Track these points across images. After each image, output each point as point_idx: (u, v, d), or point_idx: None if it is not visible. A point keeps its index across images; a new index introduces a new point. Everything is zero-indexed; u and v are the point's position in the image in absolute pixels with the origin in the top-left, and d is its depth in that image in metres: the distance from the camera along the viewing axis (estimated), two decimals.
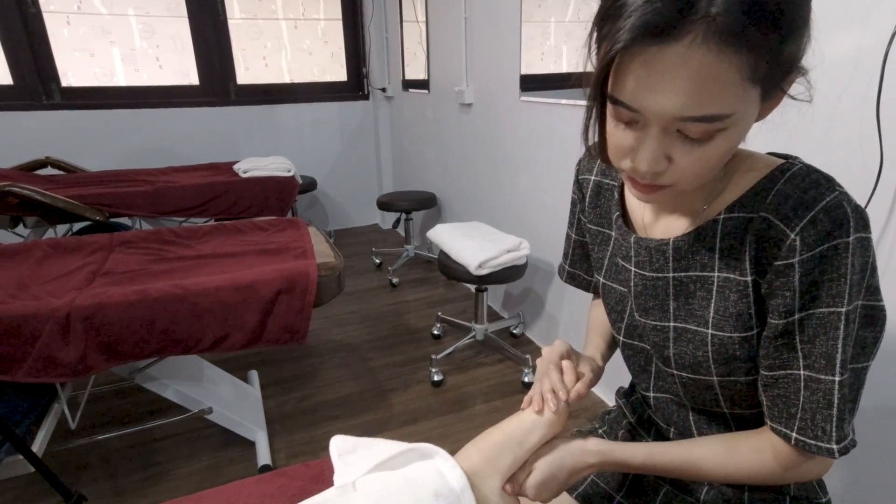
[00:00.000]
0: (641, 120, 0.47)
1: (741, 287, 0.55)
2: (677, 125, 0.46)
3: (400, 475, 0.55)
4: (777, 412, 0.56)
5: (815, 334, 0.52)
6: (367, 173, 4.07)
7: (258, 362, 2.20)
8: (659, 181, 0.50)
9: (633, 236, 0.64)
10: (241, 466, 1.63)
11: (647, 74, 0.43)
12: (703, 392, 0.63)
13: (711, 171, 0.50)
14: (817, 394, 0.52)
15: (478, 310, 2.21)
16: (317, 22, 3.67)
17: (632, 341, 0.70)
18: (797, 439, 0.54)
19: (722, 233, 0.56)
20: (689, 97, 0.43)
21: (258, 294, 1.38)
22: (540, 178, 2.14)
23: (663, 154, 0.48)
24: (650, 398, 0.71)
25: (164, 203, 2.46)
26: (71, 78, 3.15)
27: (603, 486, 0.78)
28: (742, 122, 0.46)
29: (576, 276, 0.85)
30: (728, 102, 0.43)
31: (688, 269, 0.59)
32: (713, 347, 0.58)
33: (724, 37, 0.40)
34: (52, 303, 1.26)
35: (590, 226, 0.74)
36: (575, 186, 0.77)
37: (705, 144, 0.46)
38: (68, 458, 1.65)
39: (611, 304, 0.72)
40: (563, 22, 1.84)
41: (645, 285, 0.63)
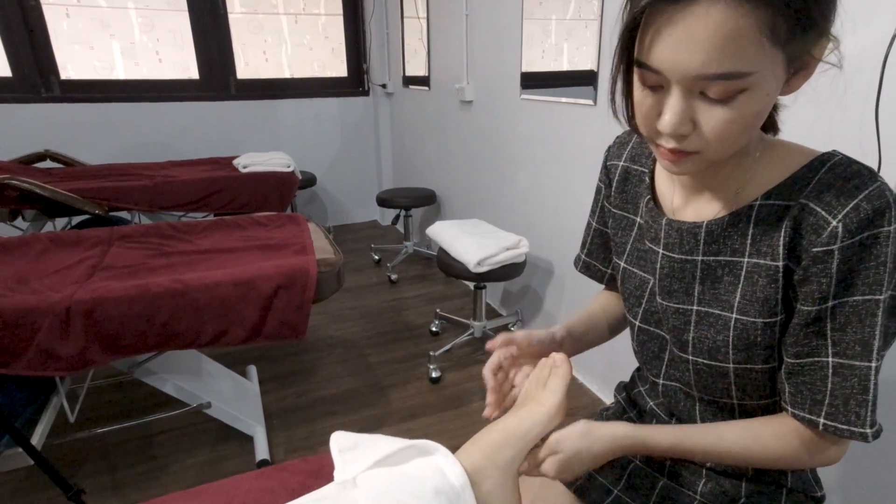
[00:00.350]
0: (665, 83, 0.49)
1: (771, 272, 0.56)
2: (699, 85, 0.47)
3: (400, 472, 0.55)
4: (801, 399, 0.57)
5: (847, 322, 0.52)
6: (366, 169, 4.07)
7: (257, 357, 2.20)
8: (685, 146, 0.51)
9: (664, 218, 0.64)
10: (239, 461, 1.63)
11: (669, 34, 0.45)
12: (717, 380, 0.63)
13: (736, 137, 0.50)
14: (851, 380, 0.53)
15: (476, 307, 2.21)
16: (317, 17, 3.66)
17: (648, 327, 0.70)
18: (826, 425, 0.55)
19: (756, 218, 0.57)
20: (708, 54, 0.44)
21: (258, 290, 1.38)
22: (539, 176, 2.15)
23: (687, 116, 0.49)
24: (659, 385, 0.71)
25: (164, 197, 2.45)
26: (70, 71, 3.14)
27: (601, 480, 0.79)
28: (764, 85, 0.46)
29: (591, 267, 0.85)
30: (747, 60, 0.44)
31: (718, 253, 0.59)
32: (735, 332, 0.59)
33: None
34: (52, 297, 1.26)
35: (614, 210, 0.75)
36: (602, 173, 0.78)
37: (728, 105, 0.47)
38: (67, 451, 1.66)
39: (630, 289, 0.72)
40: (565, 20, 1.84)
41: (672, 268, 0.63)
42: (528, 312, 2.39)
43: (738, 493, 0.69)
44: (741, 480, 0.70)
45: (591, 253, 0.84)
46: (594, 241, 0.83)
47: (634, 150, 0.73)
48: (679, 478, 0.74)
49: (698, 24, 0.44)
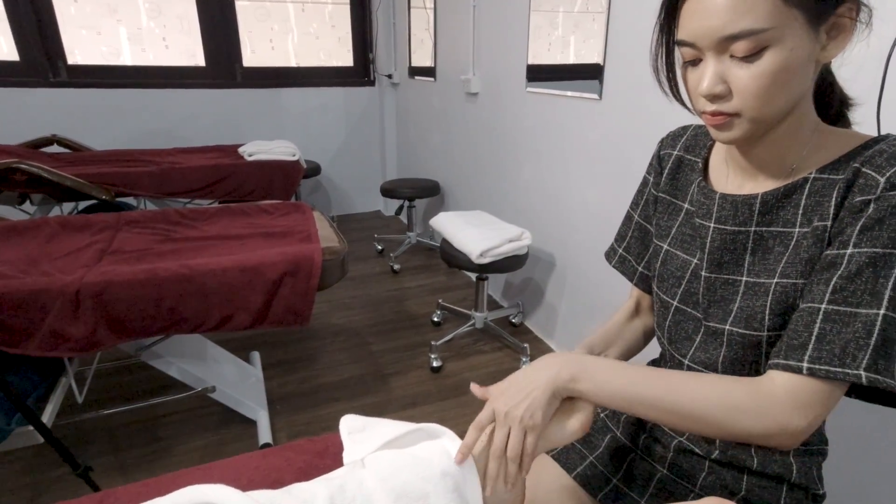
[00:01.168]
0: (701, 54, 0.56)
1: (818, 232, 0.57)
2: (726, 47, 0.53)
3: (408, 453, 0.57)
4: (778, 347, 0.57)
5: (859, 271, 0.53)
6: (371, 160, 4.07)
7: (260, 343, 2.23)
8: (724, 108, 0.56)
9: (717, 194, 0.67)
10: (242, 444, 1.66)
11: (694, 10, 0.54)
12: (747, 352, 0.63)
13: (770, 94, 0.54)
14: (853, 325, 0.52)
15: (478, 298, 2.24)
16: (324, 6, 3.65)
17: (685, 307, 0.72)
18: (812, 369, 0.53)
19: (810, 190, 0.59)
20: (726, 16, 0.51)
21: (264, 276, 1.40)
22: (544, 169, 2.16)
23: (719, 77, 0.55)
24: (684, 366, 0.72)
25: (170, 184, 2.47)
26: (77, 56, 3.15)
27: (601, 469, 0.81)
28: (786, 41, 0.52)
29: (626, 261, 0.86)
30: (760, 17, 0.51)
31: (771, 223, 0.62)
32: (773, 297, 0.60)
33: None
34: (63, 279, 1.29)
35: (662, 195, 0.78)
36: (654, 162, 0.81)
37: (755, 62, 0.53)
38: (75, 431, 1.69)
39: (671, 270, 0.74)
40: (572, 13, 1.84)
41: (724, 240, 0.66)
42: (530, 304, 2.41)
43: (739, 487, 0.70)
44: (743, 473, 0.70)
45: (630, 248, 0.85)
46: (634, 234, 0.85)
47: (689, 142, 0.77)
48: (679, 469, 0.75)
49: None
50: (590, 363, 0.62)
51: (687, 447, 0.74)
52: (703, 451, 0.73)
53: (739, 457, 0.71)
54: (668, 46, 0.61)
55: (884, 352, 0.52)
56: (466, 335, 2.32)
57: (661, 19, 0.60)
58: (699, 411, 0.57)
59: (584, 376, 0.60)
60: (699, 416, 0.57)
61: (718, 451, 0.72)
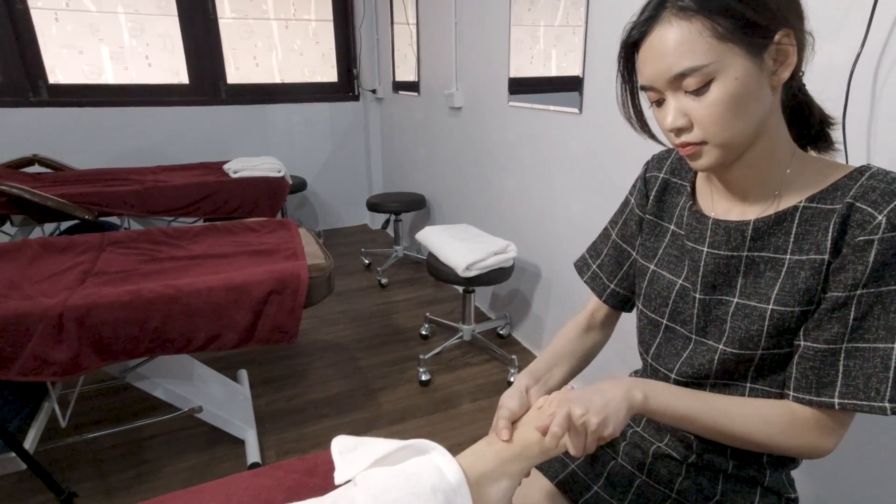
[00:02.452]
0: (661, 95, 0.62)
1: (816, 265, 0.61)
2: (679, 85, 0.59)
3: (398, 470, 0.57)
4: (805, 384, 0.62)
5: (870, 310, 0.57)
6: (357, 174, 4.09)
7: (248, 361, 2.22)
8: (690, 139, 0.61)
9: (710, 219, 0.70)
10: (230, 464, 1.65)
11: (646, 57, 0.61)
12: (739, 365, 0.68)
13: (727, 120, 0.58)
14: (873, 360, 0.58)
15: (465, 311, 2.25)
16: (308, 22, 3.68)
17: (675, 325, 0.75)
18: (843, 403, 0.59)
19: (801, 219, 0.63)
20: (671, 58, 0.58)
21: (250, 295, 1.40)
22: (527, 181, 2.19)
23: (680, 112, 0.60)
24: (671, 379, 0.74)
25: (154, 202, 2.46)
26: (59, 75, 3.13)
27: (582, 477, 0.82)
28: (730, 72, 0.56)
29: (597, 278, 0.88)
30: (698, 55, 0.56)
31: (762, 249, 0.66)
32: (770, 322, 0.64)
33: (678, 14, 0.57)
34: (45, 302, 1.27)
35: (648, 216, 0.81)
36: (640, 184, 0.83)
37: (704, 94, 0.58)
38: (58, 456, 1.66)
39: (657, 290, 0.76)
40: (553, 26, 1.88)
41: (717, 264, 0.69)
42: (517, 316, 2.43)
43: (714, 491, 0.72)
44: (718, 477, 0.73)
45: (603, 265, 0.87)
46: (609, 253, 0.87)
47: (674, 165, 0.80)
48: (657, 475, 0.77)
49: (658, 41, 0.59)
50: (653, 385, 0.66)
51: (665, 452, 0.77)
52: (680, 455, 0.75)
53: (715, 461, 0.73)
54: (632, 92, 0.67)
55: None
56: (454, 348, 2.33)
57: (620, 69, 0.65)
58: (746, 434, 0.64)
59: (654, 396, 0.64)
60: (745, 438, 0.64)
61: (695, 455, 0.74)
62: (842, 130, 1.00)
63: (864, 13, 0.96)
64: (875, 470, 1.08)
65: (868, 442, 1.07)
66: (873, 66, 0.97)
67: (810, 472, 1.18)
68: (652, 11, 0.59)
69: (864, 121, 1.00)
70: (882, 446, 1.05)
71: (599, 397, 0.62)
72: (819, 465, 1.16)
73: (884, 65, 0.96)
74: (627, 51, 0.64)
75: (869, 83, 0.98)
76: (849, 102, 0.99)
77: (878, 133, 0.99)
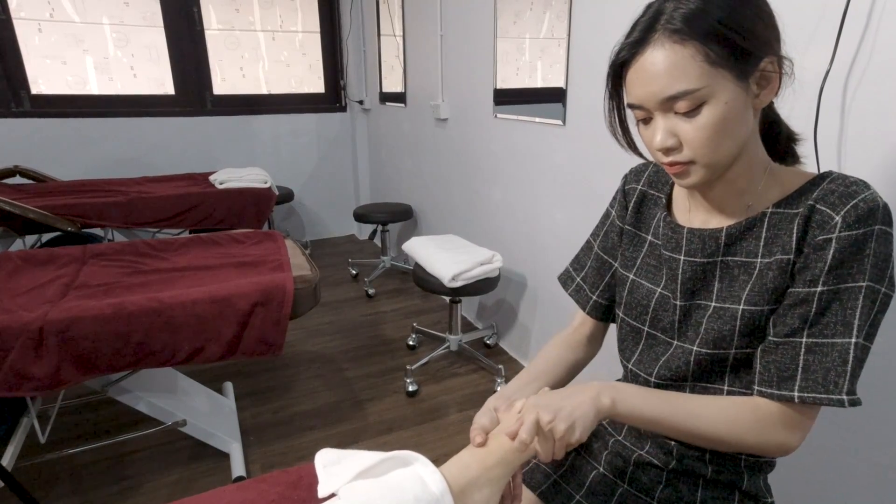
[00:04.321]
0: (650, 114, 0.63)
1: (783, 265, 0.64)
2: (669, 106, 0.60)
3: (382, 482, 0.58)
4: (767, 377, 0.64)
5: (828, 306, 0.60)
6: (343, 185, 4.09)
7: (233, 373, 2.20)
8: (678, 158, 0.63)
9: (685, 229, 0.73)
10: (214, 479, 1.63)
11: (636, 77, 0.62)
12: (714, 366, 0.70)
13: (716, 141, 0.60)
14: (831, 355, 0.60)
15: (452, 321, 2.25)
16: (294, 34, 3.70)
17: (656, 332, 0.77)
18: (802, 397, 0.61)
19: (769, 224, 0.66)
20: (662, 82, 0.59)
21: (235, 307, 1.40)
22: (512, 192, 2.21)
23: (669, 132, 0.62)
24: (651, 383, 0.76)
25: (138, 214, 2.44)
26: (41, 85, 3.11)
27: (564, 486, 0.83)
28: (720, 96, 0.58)
29: (581, 290, 0.89)
30: (692, 79, 0.58)
31: (735, 254, 0.68)
32: (742, 321, 0.66)
33: (672, 38, 0.58)
34: (24, 316, 1.26)
35: (627, 227, 0.83)
36: (619, 196, 0.85)
37: (695, 116, 0.60)
38: (37, 472, 1.63)
39: (636, 299, 0.79)
40: (538, 38, 1.91)
41: (694, 270, 0.71)
42: (503, 325, 2.44)
43: (694, 498, 0.74)
44: (698, 483, 0.74)
45: (587, 277, 0.89)
46: (592, 265, 0.88)
47: (651, 177, 0.82)
48: (638, 483, 0.78)
49: (650, 63, 0.60)
50: (622, 388, 0.67)
51: (646, 460, 0.78)
52: (661, 462, 0.77)
53: (695, 466, 0.75)
54: (619, 109, 0.69)
55: (857, 374, 0.60)
56: (441, 358, 2.33)
57: (609, 88, 0.67)
58: (714, 434, 0.65)
59: (621, 401, 0.65)
60: (713, 437, 0.65)
61: (675, 460, 0.76)
62: (813, 144, 1.03)
63: (832, 30, 0.99)
64: (847, 474, 1.10)
65: (840, 445, 1.10)
66: (842, 82, 1.01)
67: (786, 476, 1.20)
68: (642, 33, 0.60)
69: (834, 135, 1.03)
70: (852, 450, 1.08)
71: (567, 403, 0.63)
72: (794, 469, 1.18)
73: (852, 80, 0.99)
74: (616, 70, 0.65)
75: (839, 98, 1.02)
76: (819, 117, 1.02)
77: (848, 146, 1.02)
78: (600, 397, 0.65)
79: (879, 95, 0.96)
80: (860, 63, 0.98)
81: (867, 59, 0.97)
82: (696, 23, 0.57)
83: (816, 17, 1.03)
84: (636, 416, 0.66)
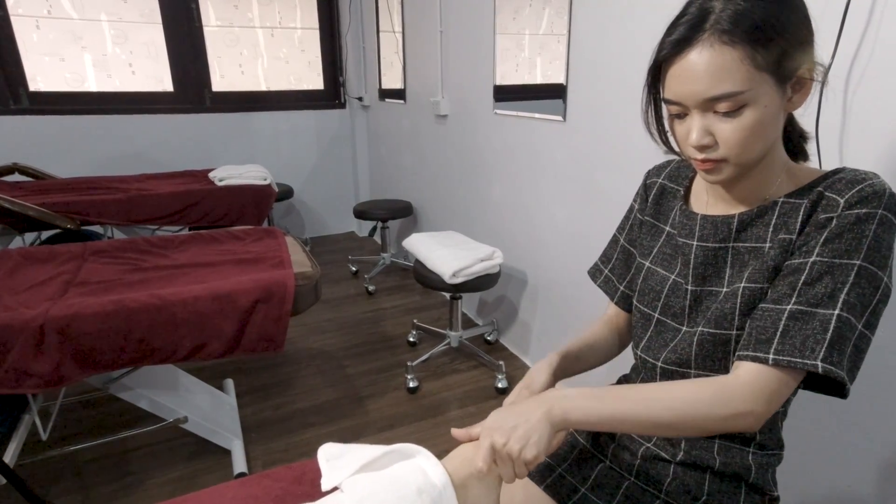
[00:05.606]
0: (686, 110, 0.64)
1: (785, 243, 0.65)
2: (709, 106, 0.61)
3: (384, 475, 0.58)
4: (747, 340, 0.63)
5: (819, 277, 0.60)
6: (343, 182, 4.09)
7: (234, 370, 2.20)
8: (712, 155, 0.64)
9: (699, 215, 0.75)
10: (216, 475, 1.63)
11: (679, 74, 0.62)
12: (717, 349, 0.70)
13: (751, 142, 0.62)
14: (812, 323, 0.59)
15: (452, 317, 2.25)
16: (293, 31, 3.68)
17: (666, 319, 0.78)
18: (777, 360, 0.60)
19: (780, 212, 0.68)
20: (707, 82, 0.59)
21: (236, 303, 1.40)
22: (513, 188, 2.21)
23: (706, 131, 0.63)
24: (658, 368, 0.78)
25: (138, 211, 2.44)
26: (40, 83, 3.10)
27: (569, 480, 0.83)
28: (761, 99, 0.59)
29: (609, 281, 0.92)
30: (737, 82, 0.59)
31: (746, 240, 0.70)
32: (742, 299, 0.67)
33: (722, 39, 0.58)
34: (26, 314, 1.26)
35: (646, 218, 0.86)
36: (641, 190, 0.88)
37: (736, 117, 0.61)
38: (39, 469, 1.63)
39: (650, 286, 0.80)
40: (538, 34, 1.91)
41: (706, 255, 0.73)
42: (504, 322, 2.44)
43: (702, 491, 0.74)
44: (706, 475, 0.74)
45: (614, 269, 0.92)
46: (619, 257, 0.91)
47: (672, 172, 0.85)
48: (646, 476, 0.78)
49: (697, 63, 0.60)
50: (574, 396, 0.65)
51: (654, 453, 0.78)
52: (669, 454, 0.77)
53: (703, 457, 0.75)
54: (656, 104, 0.70)
55: (838, 347, 0.59)
56: (442, 354, 2.34)
57: (648, 82, 0.68)
58: (674, 416, 0.62)
59: (574, 409, 0.64)
60: (675, 421, 0.62)
61: (683, 452, 0.76)
62: (815, 140, 1.03)
63: (834, 26, 0.99)
64: (850, 468, 1.10)
65: (846, 442, 1.10)
66: (844, 77, 1.01)
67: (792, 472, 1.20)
68: (689, 32, 0.60)
69: (836, 131, 1.03)
70: (857, 447, 1.08)
71: (522, 422, 0.63)
72: (801, 464, 1.19)
73: (854, 76, 0.99)
74: (657, 66, 0.65)
75: (840, 94, 1.02)
76: (821, 113, 1.02)
77: (849, 142, 1.02)
78: (552, 411, 0.64)
79: (881, 91, 0.96)
80: (861, 59, 0.98)
81: (868, 56, 0.96)
82: (749, 27, 0.57)
83: (819, 12, 1.03)
84: (593, 419, 0.64)
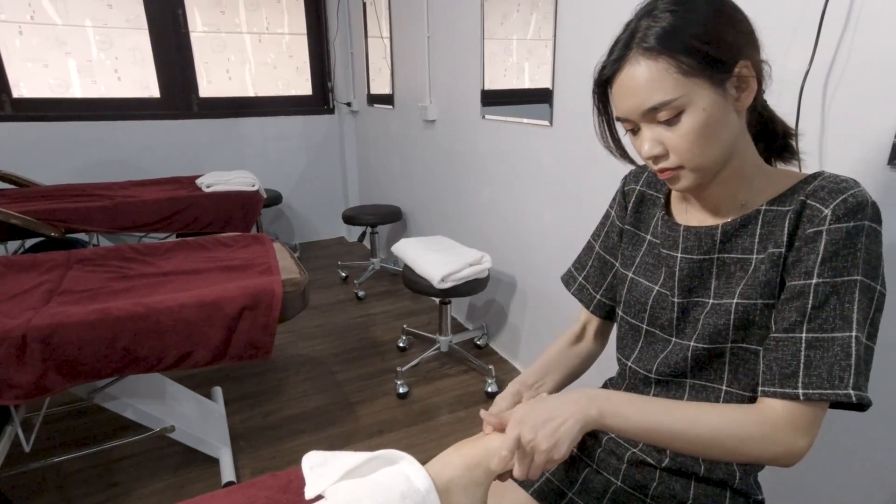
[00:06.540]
0: (636, 125, 0.66)
1: (775, 258, 0.65)
2: (652, 117, 0.63)
3: (368, 481, 0.58)
4: (770, 376, 0.62)
5: (826, 300, 0.60)
6: (332, 187, 4.08)
7: (222, 378, 2.18)
8: (668, 164, 0.66)
9: (682, 227, 0.75)
10: (204, 485, 1.61)
11: (618, 92, 0.65)
12: (712, 361, 0.70)
13: (701, 146, 0.63)
14: (832, 349, 0.59)
15: (442, 322, 2.25)
16: (281, 36, 3.68)
17: (654, 329, 0.78)
18: (807, 394, 0.59)
19: (763, 221, 0.68)
20: (642, 95, 0.62)
21: (222, 311, 1.39)
22: (501, 193, 2.22)
23: (655, 141, 0.65)
24: (651, 379, 0.77)
25: (124, 218, 2.41)
26: (23, 89, 3.06)
27: (556, 484, 0.83)
28: (698, 103, 0.61)
29: (584, 290, 0.91)
30: (668, 90, 0.61)
31: (731, 251, 0.70)
32: (735, 315, 0.67)
33: (646, 54, 0.61)
34: (7, 324, 1.24)
35: (626, 227, 0.85)
36: (619, 197, 0.87)
37: (676, 124, 0.63)
38: (22, 482, 1.60)
39: (635, 297, 0.80)
40: (525, 39, 1.92)
41: (691, 268, 0.73)
42: (494, 326, 2.44)
43: (687, 496, 0.74)
44: (691, 480, 0.75)
45: (589, 277, 0.91)
46: (593, 264, 0.90)
47: (650, 178, 0.84)
48: (632, 481, 0.79)
49: (629, 79, 0.63)
50: (615, 398, 0.65)
51: (640, 458, 0.78)
52: (654, 460, 0.77)
53: (688, 464, 0.75)
54: (609, 123, 0.72)
55: (863, 370, 0.59)
56: (432, 359, 2.33)
57: (595, 103, 0.70)
58: (716, 443, 0.62)
59: (612, 412, 0.63)
60: (716, 446, 0.63)
61: (669, 458, 0.76)
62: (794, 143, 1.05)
63: (811, 30, 1.01)
64: (838, 471, 1.11)
65: (831, 443, 1.11)
66: (822, 81, 1.02)
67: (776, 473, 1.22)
68: (620, 52, 0.64)
69: (815, 134, 1.05)
70: (844, 447, 1.10)
71: (553, 417, 0.62)
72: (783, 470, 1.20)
73: (832, 80, 1.01)
74: (601, 87, 0.68)
75: (818, 97, 1.03)
76: (800, 116, 1.04)
77: (828, 145, 1.04)
78: (588, 410, 0.63)
79: (858, 95, 0.98)
80: (839, 63, 1.00)
81: (846, 59, 0.98)
82: (667, 39, 0.60)
83: (796, 17, 1.05)
84: (630, 427, 0.63)
